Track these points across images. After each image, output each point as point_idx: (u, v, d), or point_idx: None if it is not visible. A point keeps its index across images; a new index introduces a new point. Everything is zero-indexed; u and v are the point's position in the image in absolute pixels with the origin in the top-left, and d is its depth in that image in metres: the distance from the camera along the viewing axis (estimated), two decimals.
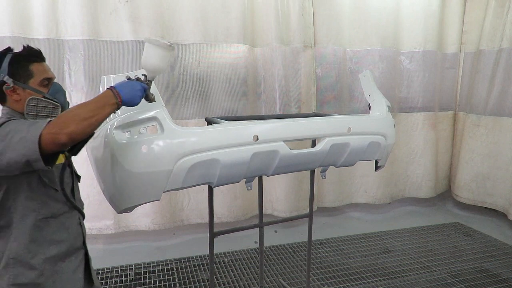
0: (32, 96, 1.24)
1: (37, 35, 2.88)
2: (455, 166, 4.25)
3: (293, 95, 3.54)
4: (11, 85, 1.22)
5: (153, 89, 1.49)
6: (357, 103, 3.84)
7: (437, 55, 4.07)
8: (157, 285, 2.55)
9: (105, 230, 3.12)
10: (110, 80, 1.47)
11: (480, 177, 3.92)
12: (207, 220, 3.44)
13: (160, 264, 2.83)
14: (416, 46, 3.96)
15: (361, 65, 3.81)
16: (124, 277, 2.65)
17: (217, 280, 2.61)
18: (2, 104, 1.26)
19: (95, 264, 2.78)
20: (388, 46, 3.85)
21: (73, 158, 3.37)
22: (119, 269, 2.74)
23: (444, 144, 4.36)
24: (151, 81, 1.34)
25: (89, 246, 1.44)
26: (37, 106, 1.24)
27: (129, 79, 1.30)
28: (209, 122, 1.80)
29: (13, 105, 1.25)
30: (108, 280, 2.59)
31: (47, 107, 1.26)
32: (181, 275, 2.68)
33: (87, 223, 3.04)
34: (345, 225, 3.73)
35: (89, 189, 3.05)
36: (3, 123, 1.11)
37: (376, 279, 2.66)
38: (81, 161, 3.03)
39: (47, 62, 1.39)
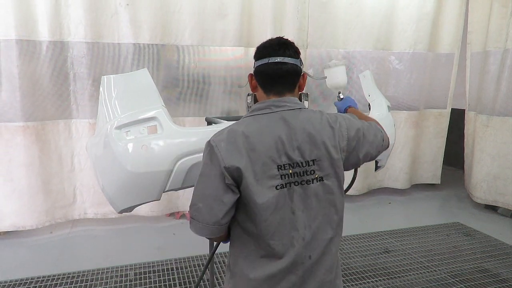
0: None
1: (42, 37, 2.96)
2: (469, 166, 4.27)
3: None
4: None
5: (153, 89, 1.49)
6: None
7: (427, 56, 4.16)
8: (157, 285, 2.55)
9: (109, 215, 3.39)
10: (110, 80, 1.47)
11: (491, 176, 3.95)
12: None
13: (160, 264, 2.84)
14: (407, 47, 4.07)
15: (353, 65, 3.93)
16: (124, 277, 2.65)
17: (217, 280, 2.61)
18: (292, 94, 1.17)
19: (98, 262, 2.80)
20: (379, 47, 3.97)
21: (77, 151, 3.47)
22: (119, 269, 2.74)
23: (427, 140, 4.51)
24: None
25: (95, 228, 1.42)
26: None
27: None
28: (209, 122, 1.80)
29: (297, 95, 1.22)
30: (108, 280, 2.59)
31: None
32: (181, 275, 2.68)
33: (93, 209, 3.36)
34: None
35: (94, 179, 3.21)
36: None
37: (376, 279, 2.66)
38: (86, 155, 3.15)
39: (52, 63, 1.36)
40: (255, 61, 1.16)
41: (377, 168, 2.10)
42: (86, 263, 2.82)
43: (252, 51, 4.04)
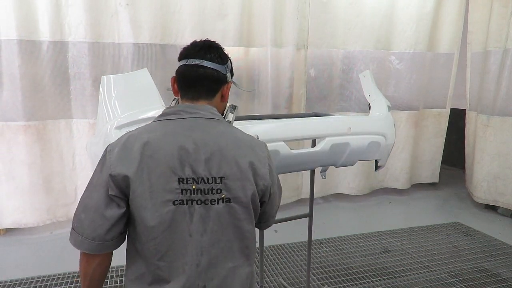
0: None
1: (42, 37, 2.97)
2: (470, 165, 4.27)
3: (284, 95, 3.65)
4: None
5: (154, 89, 1.50)
6: (346, 101, 4.00)
7: (427, 56, 4.16)
8: None
9: None
10: (110, 80, 1.48)
11: (491, 176, 3.96)
12: None
13: None
14: (407, 47, 4.07)
15: (353, 65, 3.93)
16: (125, 276, 2.65)
17: None
18: (209, 101, 1.06)
19: None
20: (380, 47, 3.97)
21: (78, 150, 3.49)
22: (119, 269, 2.74)
23: (426, 140, 4.53)
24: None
25: None
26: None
27: None
28: None
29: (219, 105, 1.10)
30: (108, 280, 2.59)
31: None
32: None
33: None
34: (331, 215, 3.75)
35: None
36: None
37: (376, 279, 2.67)
38: (87, 155, 3.15)
39: (52, 63, 1.33)
40: (178, 62, 1.07)
41: (377, 168, 2.10)
42: None
43: (253, 51, 4.06)
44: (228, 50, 1.18)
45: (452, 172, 5.46)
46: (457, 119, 4.77)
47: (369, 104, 2.11)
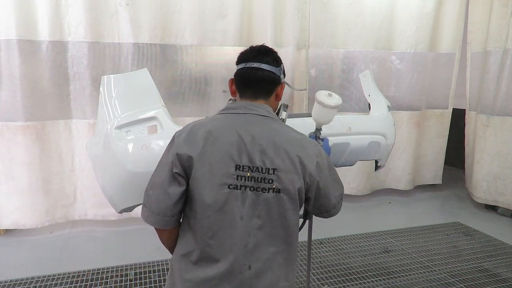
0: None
1: (42, 37, 2.97)
2: (470, 165, 4.27)
3: (285, 95, 3.63)
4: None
5: (154, 89, 1.49)
6: (346, 101, 3.99)
7: (427, 56, 4.15)
8: (157, 285, 2.55)
9: (109, 216, 3.36)
10: (110, 80, 1.47)
11: (491, 176, 3.95)
12: None
13: (160, 263, 2.84)
14: (408, 47, 4.06)
15: (353, 65, 3.93)
16: (124, 276, 2.65)
17: None
18: (266, 101, 1.18)
19: (98, 262, 2.80)
20: (380, 47, 3.96)
21: (78, 151, 3.50)
22: (119, 269, 2.74)
23: (428, 140, 4.51)
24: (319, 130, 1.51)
25: (95, 229, 1.43)
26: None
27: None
28: None
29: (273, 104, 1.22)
30: (108, 280, 2.59)
31: None
32: None
33: (93, 210, 3.36)
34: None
35: (94, 180, 3.20)
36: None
37: (376, 278, 2.66)
38: (86, 155, 3.14)
39: (52, 63, 1.34)
40: (236, 66, 1.19)
41: (377, 168, 2.10)
42: (86, 263, 2.82)
43: None
44: (228, 50, 1.21)
45: (452, 172, 5.46)
46: (457, 119, 4.76)
47: (369, 104, 2.11)
